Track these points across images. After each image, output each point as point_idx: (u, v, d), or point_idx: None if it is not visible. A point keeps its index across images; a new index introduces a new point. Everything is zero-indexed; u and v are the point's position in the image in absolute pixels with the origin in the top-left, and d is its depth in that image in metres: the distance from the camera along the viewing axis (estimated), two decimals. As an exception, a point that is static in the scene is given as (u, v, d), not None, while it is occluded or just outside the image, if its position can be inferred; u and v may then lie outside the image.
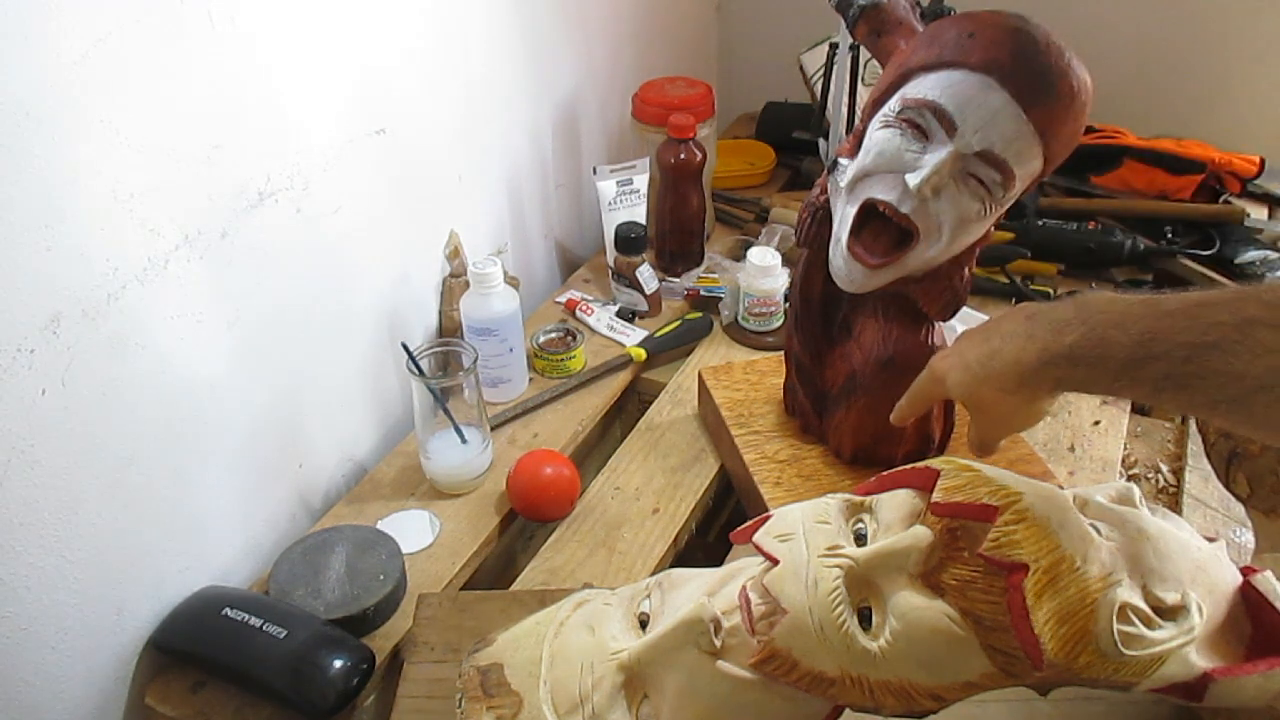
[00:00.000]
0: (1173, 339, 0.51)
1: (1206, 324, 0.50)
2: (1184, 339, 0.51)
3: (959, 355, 0.67)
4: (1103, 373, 0.55)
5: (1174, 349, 0.51)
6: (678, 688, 0.57)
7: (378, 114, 0.95)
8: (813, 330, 0.89)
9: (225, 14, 0.75)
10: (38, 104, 0.63)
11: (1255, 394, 0.48)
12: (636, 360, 1.14)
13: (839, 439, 0.90)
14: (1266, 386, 0.48)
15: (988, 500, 0.54)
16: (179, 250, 0.76)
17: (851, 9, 0.83)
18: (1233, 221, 1.29)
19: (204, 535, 0.85)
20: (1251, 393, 0.48)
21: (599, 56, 1.35)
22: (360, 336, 1.00)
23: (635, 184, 1.24)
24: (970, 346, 0.66)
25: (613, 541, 0.91)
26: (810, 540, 0.57)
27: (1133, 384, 0.54)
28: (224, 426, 0.85)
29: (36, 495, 0.69)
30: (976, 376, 0.64)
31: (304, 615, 0.78)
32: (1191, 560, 0.58)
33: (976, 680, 0.53)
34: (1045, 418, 0.76)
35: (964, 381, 0.66)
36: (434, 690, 0.72)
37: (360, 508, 0.95)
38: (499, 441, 1.02)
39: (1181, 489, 0.97)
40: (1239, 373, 0.49)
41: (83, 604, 0.75)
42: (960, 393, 0.68)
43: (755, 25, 1.70)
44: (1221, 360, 0.49)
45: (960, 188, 0.73)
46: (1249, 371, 0.48)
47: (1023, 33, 0.69)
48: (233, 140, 0.79)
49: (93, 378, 0.71)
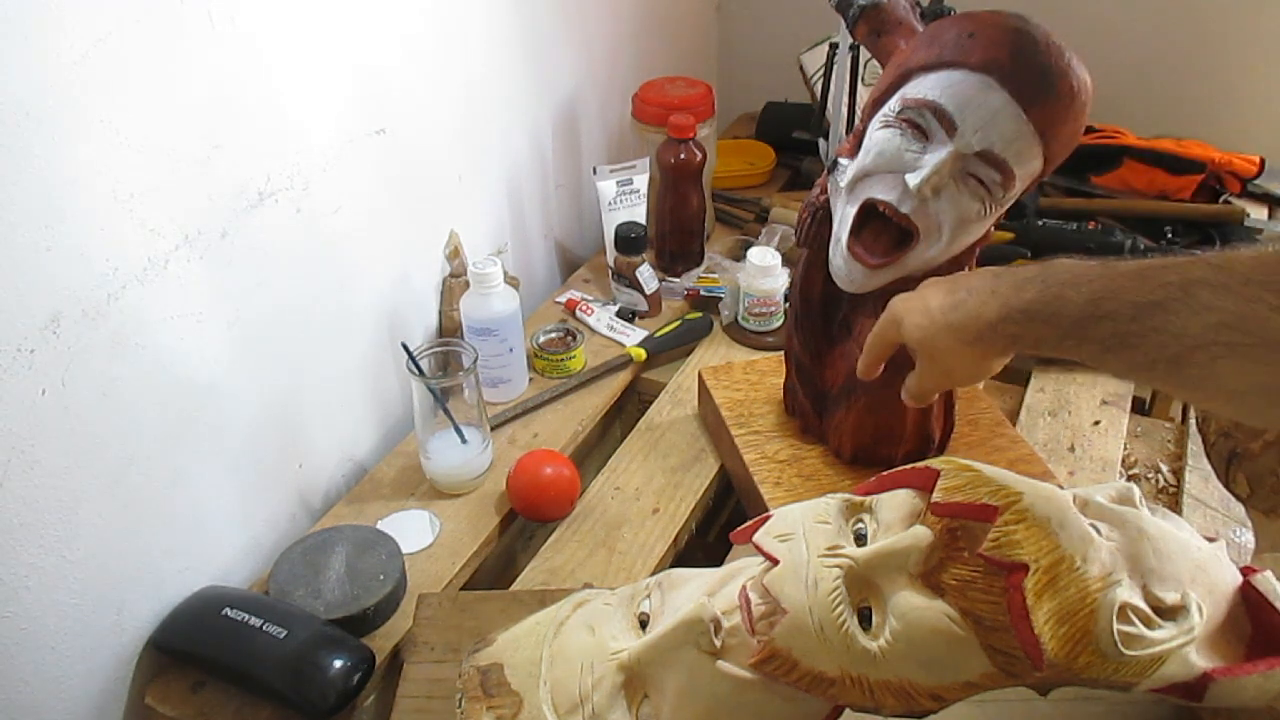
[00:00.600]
0: (1122, 298, 0.52)
1: (1155, 284, 0.51)
2: (1132, 298, 0.52)
3: (921, 300, 0.68)
4: (1054, 329, 0.56)
5: (1122, 308, 0.52)
6: (678, 688, 0.57)
7: (378, 114, 0.95)
8: (813, 330, 0.89)
9: (225, 14, 0.75)
10: (38, 104, 0.63)
11: (1191, 352, 0.49)
12: (636, 360, 1.14)
13: (839, 439, 0.90)
14: (1203, 345, 0.48)
15: (988, 500, 0.54)
16: (179, 250, 0.76)
17: (851, 9, 0.83)
18: (1233, 221, 1.29)
19: (204, 535, 0.85)
20: (1188, 350, 0.49)
21: (599, 56, 1.35)
22: (360, 336, 1.00)
23: (635, 184, 1.24)
24: (934, 294, 0.67)
25: (613, 541, 0.91)
26: (810, 540, 0.57)
27: (1081, 342, 0.55)
28: (224, 426, 0.85)
29: (36, 495, 0.69)
30: (936, 323, 0.65)
31: (304, 615, 0.78)
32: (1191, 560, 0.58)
33: (976, 680, 0.53)
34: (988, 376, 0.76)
35: (922, 326, 0.67)
36: (434, 690, 0.72)
37: (360, 508, 0.95)
38: (499, 441, 1.02)
39: (1181, 489, 0.97)
40: (1178, 330, 0.49)
41: (83, 604, 0.75)
42: (917, 336, 0.68)
43: (755, 25, 1.70)
44: (1164, 318, 0.50)
45: (960, 188, 0.73)
46: (1187, 329, 0.49)
47: (1023, 32, 0.69)
48: (233, 140, 0.79)
49: (93, 378, 0.71)
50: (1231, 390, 0.49)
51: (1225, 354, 0.48)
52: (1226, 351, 0.48)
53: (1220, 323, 0.48)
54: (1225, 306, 0.48)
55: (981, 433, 0.94)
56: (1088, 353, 0.55)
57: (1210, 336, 0.48)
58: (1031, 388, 1.09)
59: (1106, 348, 0.53)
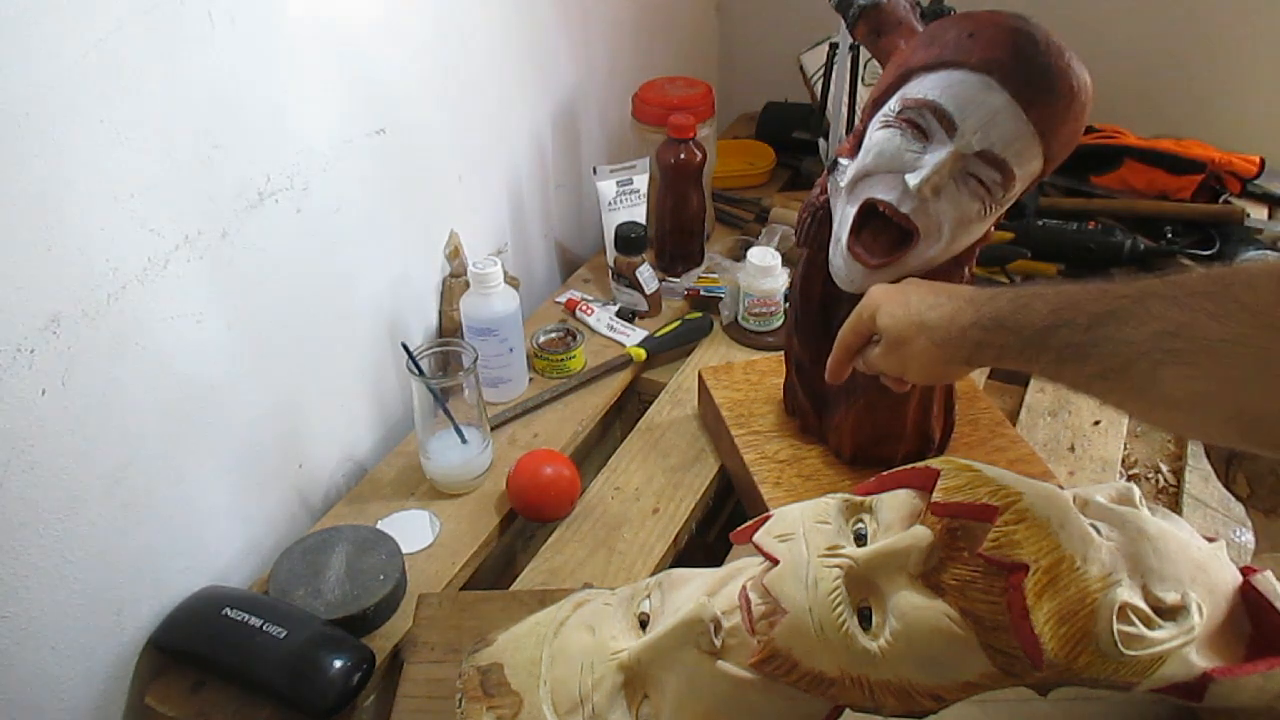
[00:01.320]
0: (1081, 308, 0.54)
1: (1113, 296, 0.53)
2: (1090, 309, 0.53)
3: (901, 292, 0.69)
4: (1017, 337, 0.58)
5: (1079, 317, 0.54)
6: (678, 688, 0.57)
7: (378, 114, 0.95)
8: (813, 330, 0.89)
9: (225, 14, 0.75)
10: (38, 104, 0.63)
11: (1137, 360, 0.50)
12: (636, 360, 1.14)
13: (839, 439, 0.90)
14: (1146, 353, 0.50)
15: (988, 500, 0.54)
16: (179, 250, 0.76)
17: (851, 9, 0.83)
18: (1233, 221, 1.29)
19: (204, 535, 0.85)
20: (1134, 359, 0.50)
21: (599, 56, 1.35)
22: (360, 336, 1.00)
23: (635, 184, 1.25)
24: (915, 291, 0.69)
25: (613, 541, 0.91)
26: (810, 540, 0.57)
27: (1040, 351, 0.56)
28: (224, 426, 0.85)
29: (36, 495, 0.69)
30: (911, 317, 0.67)
31: (304, 615, 0.78)
32: (1191, 560, 0.58)
33: (976, 680, 0.53)
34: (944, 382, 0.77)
35: (896, 316, 0.68)
36: (434, 690, 0.72)
37: (360, 508, 0.95)
38: (499, 441, 1.02)
39: (1181, 489, 0.97)
40: (1127, 338, 0.51)
41: (83, 604, 0.75)
42: (888, 323, 0.69)
43: (755, 25, 1.70)
44: (1116, 327, 0.51)
45: (960, 188, 0.73)
46: (1135, 338, 0.50)
47: (1023, 32, 0.69)
48: (233, 140, 0.79)
49: (93, 378, 0.71)
50: (1171, 399, 0.50)
51: (1167, 360, 0.49)
52: (1168, 358, 0.49)
53: (1163, 330, 0.49)
54: (1170, 315, 0.49)
55: (981, 433, 0.94)
56: (1046, 362, 0.56)
57: (1154, 344, 0.49)
58: (1031, 388, 1.09)
59: (1062, 358, 0.55)
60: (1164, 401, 0.50)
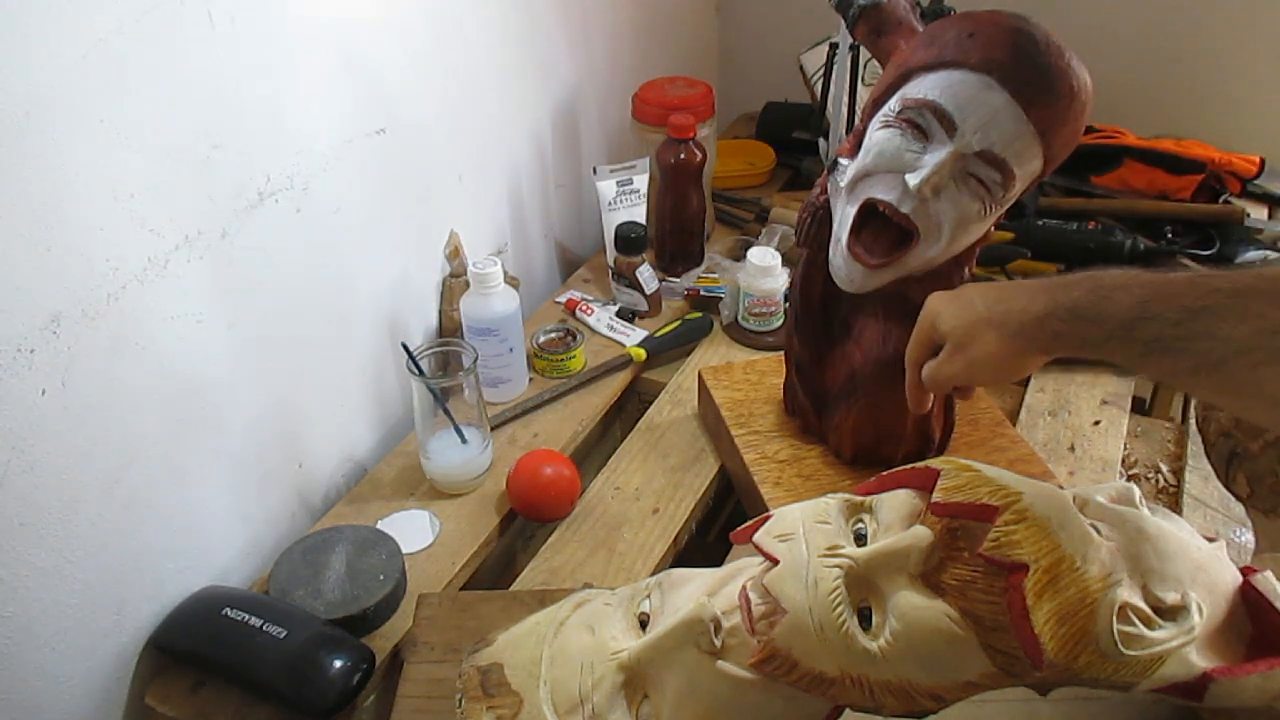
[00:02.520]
0: (1170, 303, 0.53)
1: (1205, 290, 0.52)
2: (1180, 303, 0.53)
3: (963, 295, 0.69)
4: (1099, 330, 0.57)
5: (1168, 311, 0.53)
6: (678, 688, 0.57)
7: (377, 114, 0.95)
8: (813, 330, 0.89)
9: (225, 14, 0.75)
10: (38, 104, 0.63)
11: (1235, 357, 0.50)
12: (636, 360, 1.14)
13: (839, 439, 0.90)
14: (1245, 350, 0.49)
15: (988, 500, 0.54)
16: (179, 250, 0.76)
17: (851, 9, 0.83)
18: (1233, 221, 1.29)
19: (204, 535, 0.85)
20: (1232, 356, 0.50)
21: (599, 56, 1.35)
22: (360, 336, 1.00)
23: (635, 184, 1.25)
24: (978, 291, 0.68)
25: (613, 541, 0.91)
26: (810, 540, 0.57)
27: (1125, 344, 0.56)
28: (224, 426, 0.85)
29: (36, 495, 0.69)
30: (978, 315, 0.66)
31: (304, 615, 0.78)
32: (1191, 560, 0.58)
33: (976, 680, 0.53)
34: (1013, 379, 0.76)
35: (961, 316, 0.68)
36: (434, 690, 0.72)
37: (360, 508, 0.95)
38: (499, 441, 1.02)
39: (1181, 489, 0.97)
40: (1224, 335, 0.50)
41: (83, 604, 0.75)
42: (953, 324, 0.68)
43: (755, 25, 1.70)
44: (1210, 323, 0.51)
45: (960, 188, 0.73)
46: (1233, 335, 0.50)
47: (1022, 32, 0.69)
48: (233, 140, 0.79)
49: (93, 378, 0.71)
50: (1274, 397, 0.50)
51: (1268, 360, 0.49)
52: (1270, 357, 0.49)
53: (1265, 329, 0.49)
54: (1272, 314, 0.49)
55: (981, 433, 0.94)
56: (1130, 354, 0.56)
57: (1256, 342, 0.49)
58: (1031, 388, 1.09)
59: (1150, 350, 0.54)
60: (1264, 400, 0.50)
